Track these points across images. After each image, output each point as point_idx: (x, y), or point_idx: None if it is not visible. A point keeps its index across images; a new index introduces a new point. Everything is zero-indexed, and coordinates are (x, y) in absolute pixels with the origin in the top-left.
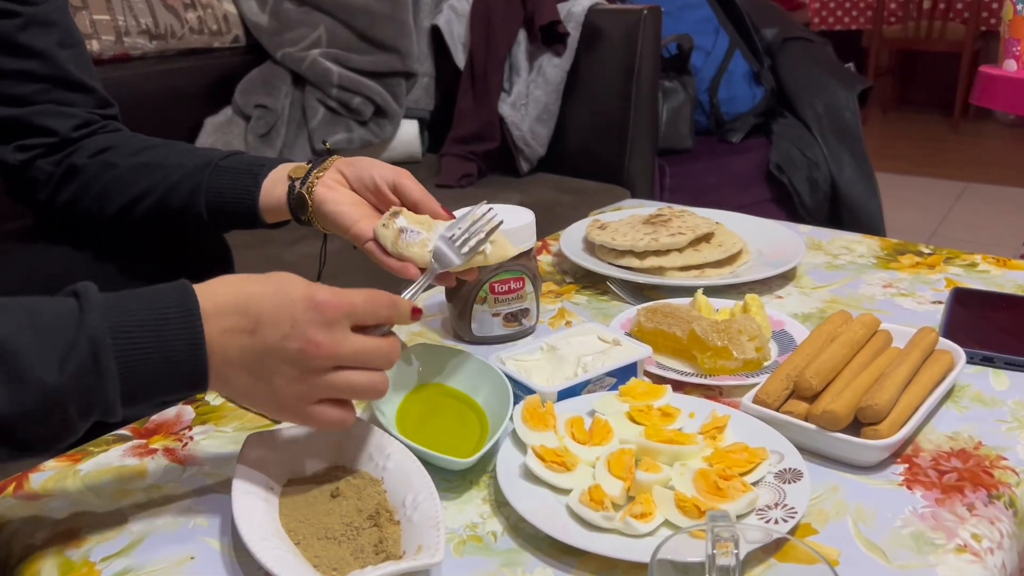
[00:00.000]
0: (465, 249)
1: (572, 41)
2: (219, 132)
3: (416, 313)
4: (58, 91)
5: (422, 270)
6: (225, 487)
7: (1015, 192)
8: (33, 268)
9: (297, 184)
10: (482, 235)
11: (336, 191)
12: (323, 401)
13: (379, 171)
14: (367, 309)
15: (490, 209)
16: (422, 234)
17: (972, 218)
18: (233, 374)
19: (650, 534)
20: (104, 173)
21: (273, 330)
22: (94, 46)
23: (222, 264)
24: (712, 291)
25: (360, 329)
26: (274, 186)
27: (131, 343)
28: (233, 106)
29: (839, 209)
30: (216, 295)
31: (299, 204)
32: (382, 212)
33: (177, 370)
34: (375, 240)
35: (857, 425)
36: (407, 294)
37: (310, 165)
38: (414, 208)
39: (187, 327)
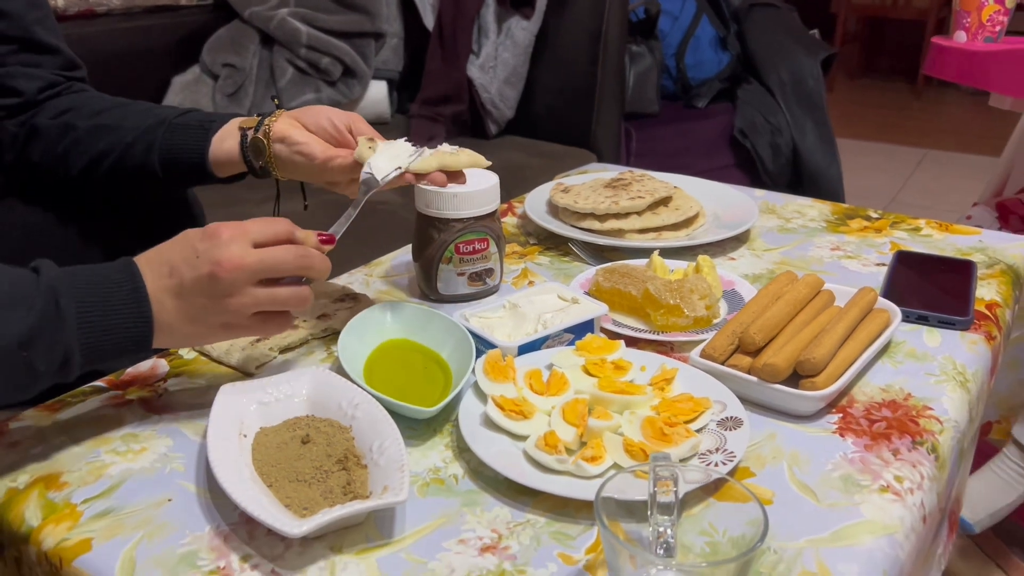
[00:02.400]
0: (400, 162)
1: (540, 4)
2: (187, 91)
3: (327, 241)
4: (25, 53)
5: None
6: (199, 434)
7: (972, 159)
8: (3, 226)
9: (250, 132)
10: (414, 148)
11: (295, 128)
12: (260, 313)
13: (334, 114)
14: (263, 226)
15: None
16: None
17: (930, 184)
18: (174, 323)
19: (600, 476)
20: (65, 135)
21: (183, 267)
22: (58, 1)
23: (192, 222)
24: (668, 253)
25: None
26: (223, 140)
27: (84, 298)
28: (201, 65)
29: (800, 175)
30: (145, 258)
31: (255, 150)
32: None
33: (126, 325)
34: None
35: (796, 378)
36: (336, 224)
37: (260, 117)
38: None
39: (129, 285)
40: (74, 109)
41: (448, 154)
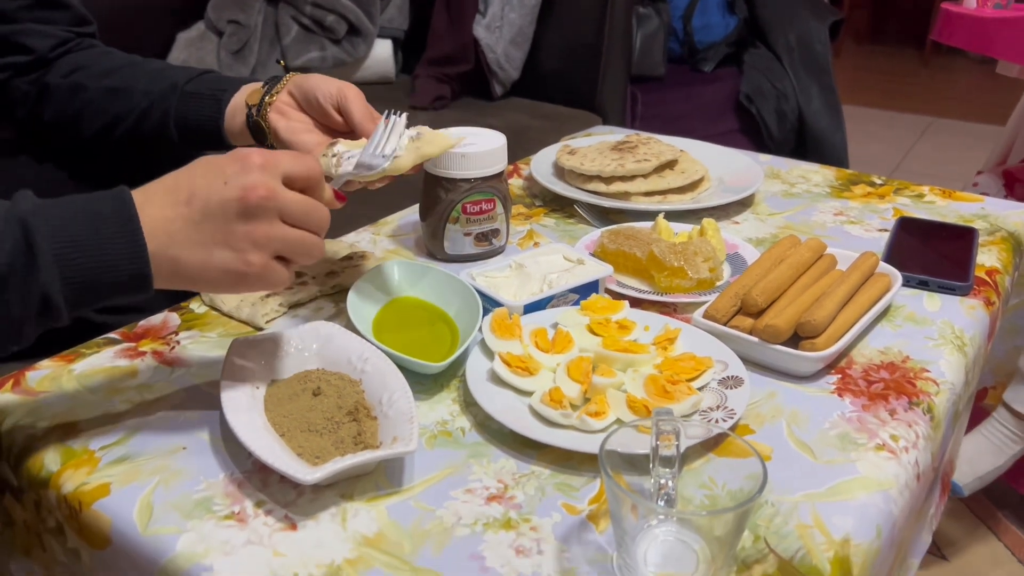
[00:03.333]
0: (387, 151)
1: None
2: (191, 47)
3: (340, 198)
4: (39, 9)
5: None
6: (213, 386)
7: (978, 128)
8: (15, 182)
9: (253, 112)
10: (400, 135)
11: (288, 117)
12: (267, 261)
13: (324, 89)
14: (293, 160)
15: (400, 114)
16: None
17: (935, 153)
18: (183, 255)
19: (603, 431)
20: (76, 95)
21: (208, 191)
22: None
23: None
24: (673, 215)
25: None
26: (234, 115)
27: (65, 233)
28: (205, 21)
29: (805, 141)
30: (146, 188)
31: (258, 132)
32: (332, 133)
33: (118, 264)
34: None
35: (797, 339)
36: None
37: (265, 88)
38: (354, 128)
39: (121, 216)
40: (84, 68)
41: (418, 145)
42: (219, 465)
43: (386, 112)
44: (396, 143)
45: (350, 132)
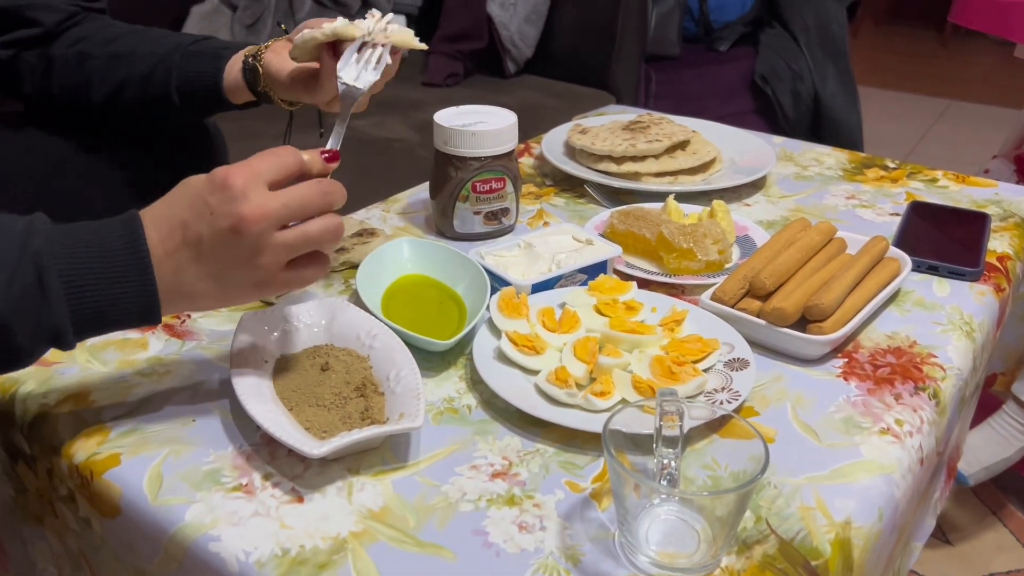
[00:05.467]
0: (372, 65)
1: None
2: (205, 21)
3: (332, 159)
4: None
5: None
6: (223, 360)
7: (996, 111)
8: (24, 155)
9: (250, 59)
10: (380, 48)
11: (282, 54)
12: (293, 262)
13: (315, 24)
14: (271, 162)
15: (377, 20)
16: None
17: (952, 136)
18: (197, 287)
19: (608, 410)
20: (81, 64)
21: (199, 224)
22: None
23: (213, 154)
24: (684, 197)
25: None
26: (232, 67)
27: (76, 264)
28: None
29: (820, 123)
30: (151, 217)
31: (253, 77)
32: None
33: (127, 301)
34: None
35: (804, 322)
36: (329, 141)
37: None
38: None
39: (132, 254)
40: (88, 37)
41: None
42: (228, 438)
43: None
44: (369, 75)
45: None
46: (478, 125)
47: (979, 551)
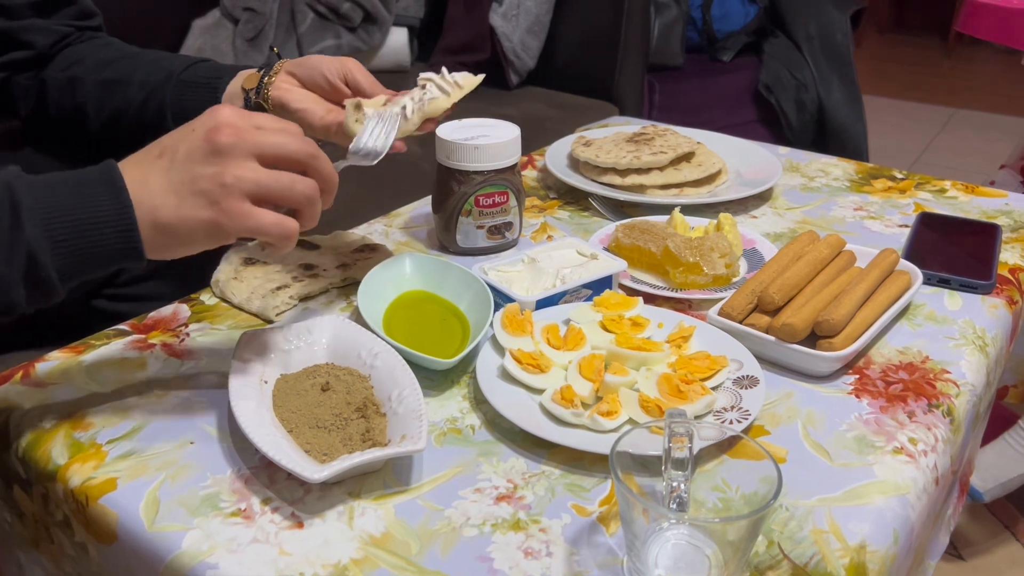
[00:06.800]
0: (378, 146)
1: None
2: (207, 35)
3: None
4: (44, 5)
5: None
6: (221, 380)
7: (1001, 119)
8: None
9: (252, 95)
10: (394, 127)
11: (292, 92)
12: (252, 212)
13: (327, 66)
14: (269, 116)
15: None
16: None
17: (957, 145)
18: (159, 206)
19: (614, 430)
20: (74, 90)
21: (177, 140)
22: None
23: None
24: (690, 209)
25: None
26: (231, 101)
27: (49, 194)
28: (221, 8)
29: (825, 132)
30: (134, 153)
31: None
32: (339, 105)
33: (103, 220)
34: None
35: (814, 338)
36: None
37: (261, 73)
38: (364, 95)
39: (105, 178)
40: (81, 60)
41: (434, 99)
42: (227, 460)
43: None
44: (387, 138)
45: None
46: (481, 139)
47: (993, 566)
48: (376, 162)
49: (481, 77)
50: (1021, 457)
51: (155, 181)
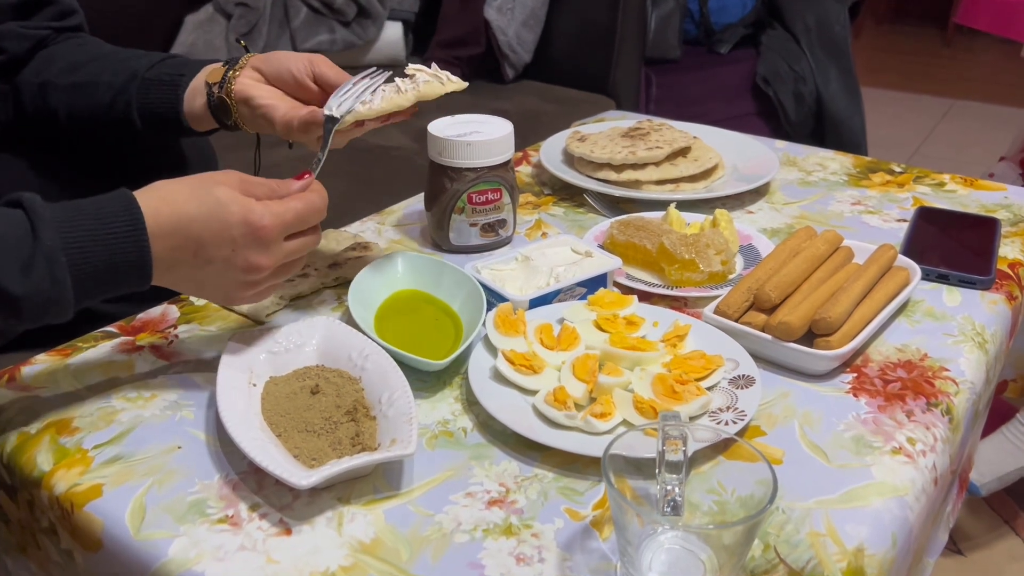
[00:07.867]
0: (357, 95)
1: None
2: (199, 30)
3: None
4: (24, 7)
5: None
6: (210, 382)
7: (1000, 110)
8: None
9: (215, 89)
10: (356, 98)
11: (257, 88)
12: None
13: (294, 63)
14: (301, 215)
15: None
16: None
17: (956, 136)
18: (179, 284)
19: (609, 432)
20: (47, 94)
21: (215, 251)
22: None
23: (205, 164)
24: (686, 205)
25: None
26: (194, 97)
27: (83, 257)
28: (214, 3)
29: (823, 124)
30: (158, 215)
31: (222, 109)
32: (303, 102)
33: (126, 276)
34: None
35: (811, 336)
36: (316, 169)
37: (226, 67)
38: (333, 89)
39: (135, 241)
40: (54, 63)
41: (420, 86)
42: (214, 466)
43: (364, 73)
44: (351, 104)
45: (325, 99)
46: (473, 135)
47: (992, 561)
48: (338, 125)
49: (466, 84)
50: (1019, 451)
51: (180, 270)
